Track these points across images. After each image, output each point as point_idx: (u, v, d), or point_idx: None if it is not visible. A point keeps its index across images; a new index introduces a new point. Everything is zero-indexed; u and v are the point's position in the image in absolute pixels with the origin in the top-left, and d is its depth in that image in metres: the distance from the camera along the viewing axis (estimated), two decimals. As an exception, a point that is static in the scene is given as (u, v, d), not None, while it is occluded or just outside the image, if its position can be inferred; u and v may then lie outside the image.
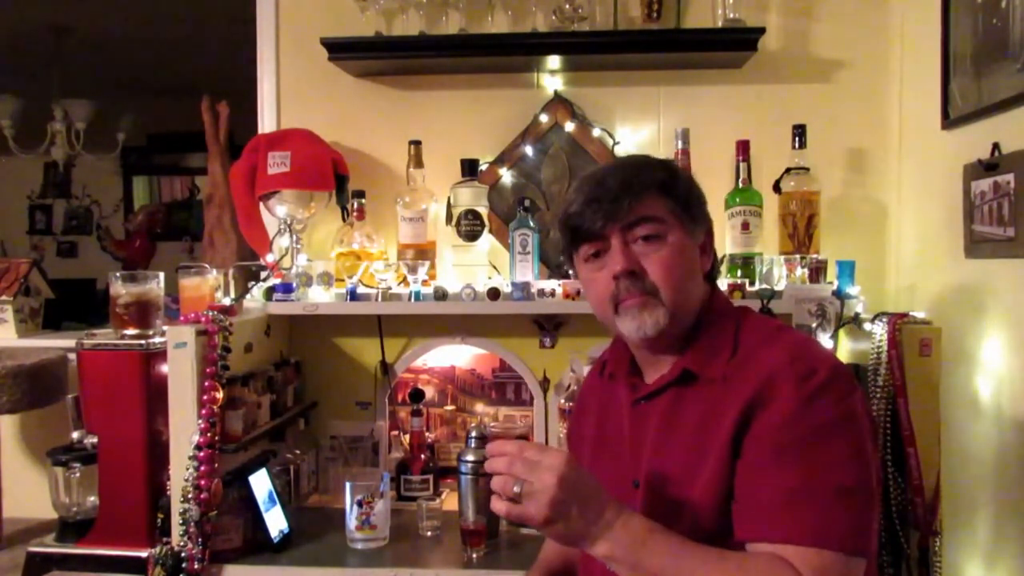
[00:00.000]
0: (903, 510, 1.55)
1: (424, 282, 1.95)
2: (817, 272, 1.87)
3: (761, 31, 1.96)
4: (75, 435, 1.82)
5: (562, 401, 2.04)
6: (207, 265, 1.97)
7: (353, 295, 1.95)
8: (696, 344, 1.11)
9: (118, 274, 1.84)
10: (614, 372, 1.23)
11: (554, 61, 2.08)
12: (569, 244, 1.16)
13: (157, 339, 1.77)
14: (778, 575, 0.92)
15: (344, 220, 2.11)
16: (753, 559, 0.96)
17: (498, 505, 0.95)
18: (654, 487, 1.07)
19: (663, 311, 1.08)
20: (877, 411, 1.56)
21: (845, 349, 1.82)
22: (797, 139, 1.97)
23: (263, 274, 2.01)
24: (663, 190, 1.10)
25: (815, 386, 0.98)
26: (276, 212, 2.05)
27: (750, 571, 0.94)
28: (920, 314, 1.68)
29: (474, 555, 1.67)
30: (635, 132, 2.14)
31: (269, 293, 1.96)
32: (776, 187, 2.00)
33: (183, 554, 1.60)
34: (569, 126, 2.11)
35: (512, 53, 2.06)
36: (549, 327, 2.11)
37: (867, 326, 1.73)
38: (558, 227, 1.17)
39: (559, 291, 1.91)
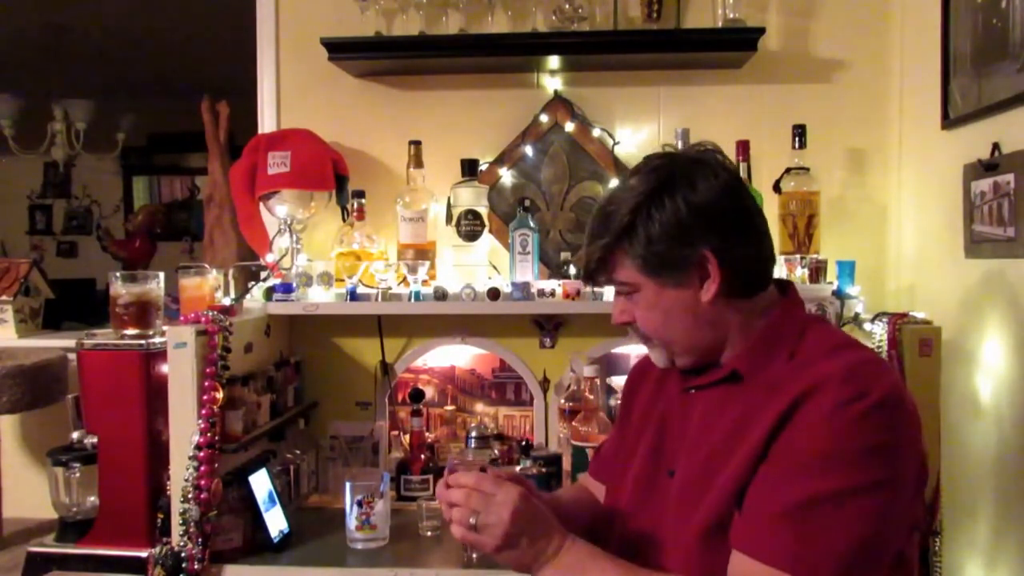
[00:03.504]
0: (903, 510, 1.55)
1: (424, 282, 1.95)
2: (817, 272, 1.87)
3: (761, 31, 1.96)
4: (75, 435, 1.82)
5: (562, 401, 2.04)
6: (207, 265, 1.97)
7: (353, 295, 1.95)
8: (751, 347, 1.08)
9: (118, 274, 1.84)
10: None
11: (554, 61, 2.08)
12: None
13: (157, 339, 1.77)
14: None
15: (344, 220, 2.11)
16: None
17: (456, 531, 1.03)
18: (683, 478, 1.07)
19: (661, 350, 1.13)
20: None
21: (845, 349, 1.82)
22: (797, 139, 1.98)
23: (263, 274, 2.01)
24: (623, 249, 1.07)
25: (858, 411, 0.91)
26: (276, 212, 2.05)
27: None
28: (920, 314, 1.68)
29: (474, 555, 1.66)
30: (635, 132, 2.14)
31: (269, 293, 1.96)
32: (776, 187, 2.00)
33: (183, 554, 1.60)
34: (569, 126, 2.11)
35: (512, 53, 2.06)
36: (549, 327, 2.12)
37: (867, 326, 1.74)
38: None
39: (559, 291, 1.91)
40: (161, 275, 1.88)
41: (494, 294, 1.90)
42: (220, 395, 1.66)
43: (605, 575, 1.02)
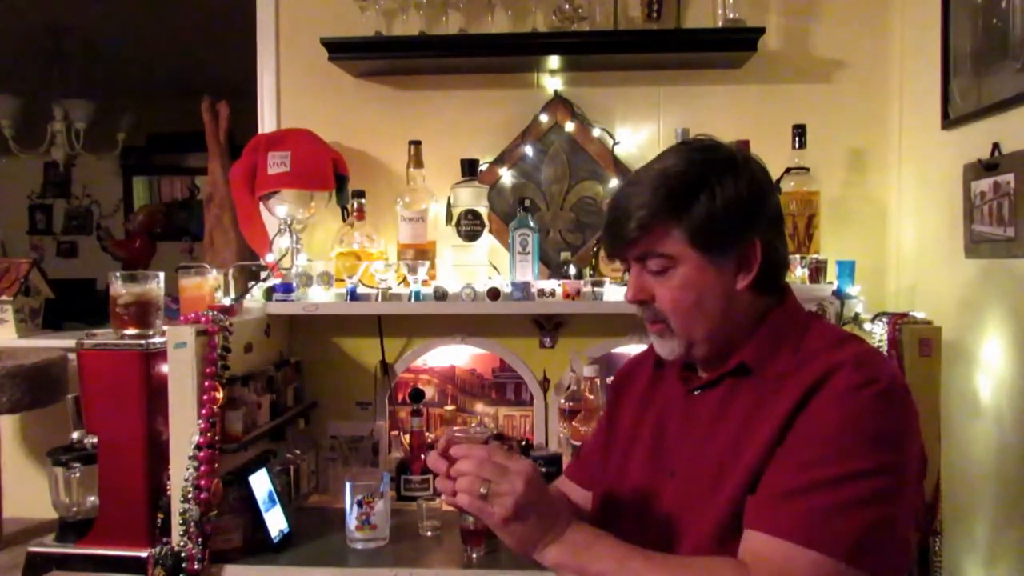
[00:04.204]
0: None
1: (424, 282, 1.95)
2: (817, 272, 1.87)
3: (761, 31, 1.96)
4: (75, 435, 1.82)
5: (562, 401, 2.04)
6: (207, 265, 1.97)
7: (353, 295, 1.95)
8: (757, 341, 1.08)
9: (118, 274, 1.84)
10: (666, 364, 1.20)
11: (554, 61, 2.08)
12: None
13: (157, 339, 1.77)
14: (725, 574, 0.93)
15: (344, 220, 2.12)
16: (702, 561, 0.97)
17: (462, 499, 0.99)
18: (688, 476, 1.06)
19: (676, 341, 1.09)
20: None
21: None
22: (797, 139, 1.98)
23: (263, 274, 2.01)
24: (676, 219, 1.04)
25: (870, 395, 0.94)
26: (276, 212, 2.05)
27: (695, 570, 0.96)
28: (920, 314, 1.68)
29: (474, 555, 1.67)
30: (635, 132, 2.14)
31: (269, 293, 1.96)
32: (776, 187, 2.00)
33: (183, 554, 1.60)
34: (569, 126, 2.11)
35: (512, 53, 2.06)
36: (549, 327, 2.11)
37: (867, 326, 1.74)
38: None
39: (559, 291, 1.91)
40: (161, 275, 1.88)
41: (494, 294, 1.90)
42: (220, 395, 1.66)
43: (614, 552, 0.98)
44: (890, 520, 0.92)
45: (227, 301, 1.91)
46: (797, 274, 1.88)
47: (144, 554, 1.66)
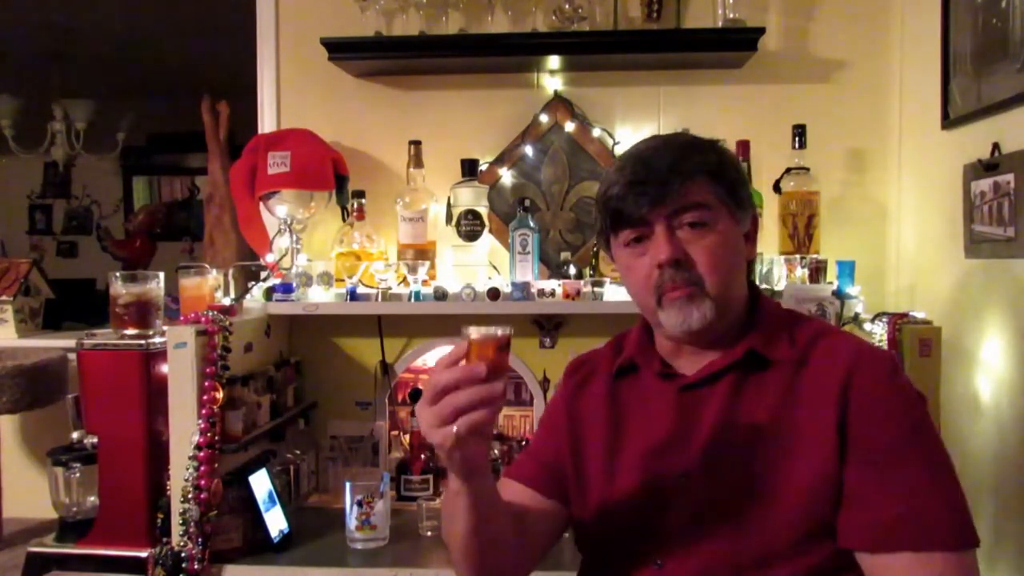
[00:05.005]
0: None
1: (424, 282, 1.96)
2: (817, 272, 1.87)
3: (761, 31, 1.96)
4: (75, 435, 1.82)
5: (562, 401, 2.04)
6: (207, 265, 1.97)
7: (353, 295, 1.95)
8: (757, 328, 1.06)
9: (118, 274, 1.84)
10: (640, 364, 1.13)
11: (554, 61, 2.08)
12: (608, 227, 1.09)
13: (157, 339, 1.77)
14: None
15: (344, 220, 2.12)
16: None
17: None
18: (716, 477, 1.00)
19: (709, 304, 1.03)
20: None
21: (845, 349, 1.83)
22: (797, 139, 1.98)
23: (263, 274, 2.01)
24: (712, 175, 1.05)
25: (905, 380, 1.00)
26: (276, 212, 2.05)
27: None
28: (920, 314, 1.68)
29: (474, 555, 1.67)
30: (635, 132, 2.13)
31: (269, 293, 1.96)
32: (776, 187, 2.00)
33: (183, 554, 1.60)
34: (569, 126, 2.11)
35: (512, 53, 2.06)
36: (549, 327, 2.12)
37: (867, 326, 1.74)
38: (597, 208, 1.12)
39: (559, 291, 1.91)
40: (161, 275, 1.88)
41: (494, 294, 1.90)
42: (220, 395, 1.66)
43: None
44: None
45: (227, 301, 1.91)
46: (797, 274, 1.88)
47: (144, 554, 1.66)
